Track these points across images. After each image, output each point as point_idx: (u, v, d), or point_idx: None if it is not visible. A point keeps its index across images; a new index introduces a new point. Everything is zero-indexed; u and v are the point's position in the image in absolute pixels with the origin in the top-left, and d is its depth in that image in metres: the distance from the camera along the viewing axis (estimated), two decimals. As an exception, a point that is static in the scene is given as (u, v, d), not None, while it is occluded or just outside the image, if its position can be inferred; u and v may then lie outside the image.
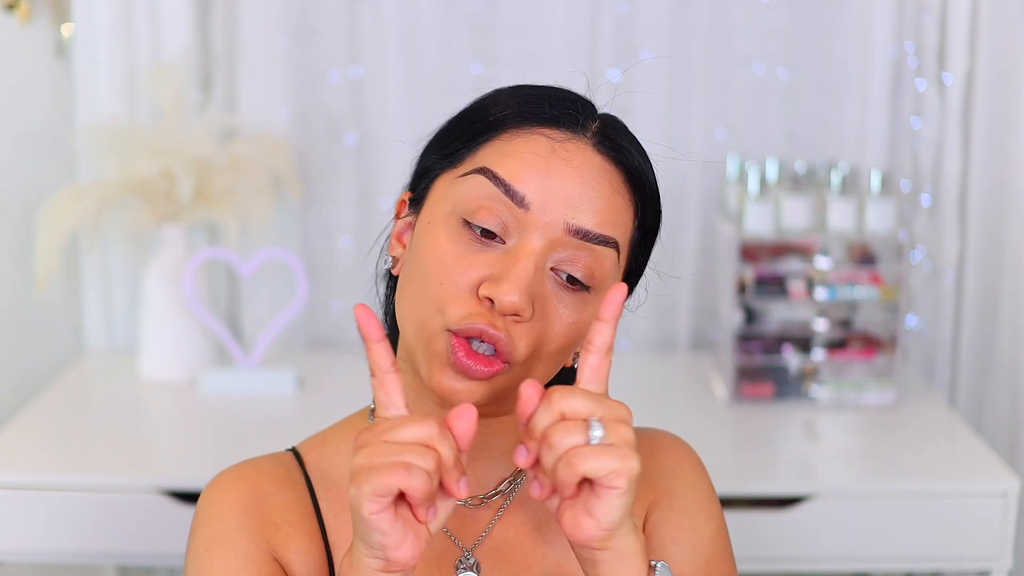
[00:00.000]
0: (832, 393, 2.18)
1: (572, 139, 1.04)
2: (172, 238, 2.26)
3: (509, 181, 1.01)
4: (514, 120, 1.04)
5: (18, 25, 2.26)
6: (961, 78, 2.32)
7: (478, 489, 1.11)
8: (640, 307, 1.17)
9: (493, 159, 1.03)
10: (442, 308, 1.00)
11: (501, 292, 0.98)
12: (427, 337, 1.02)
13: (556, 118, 1.04)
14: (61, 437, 2.05)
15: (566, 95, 1.08)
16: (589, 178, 1.03)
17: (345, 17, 2.39)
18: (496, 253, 1.01)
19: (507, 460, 1.12)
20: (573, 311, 1.03)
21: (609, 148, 1.06)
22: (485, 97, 1.09)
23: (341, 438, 1.16)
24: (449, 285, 1.00)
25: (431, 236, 1.03)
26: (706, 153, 2.43)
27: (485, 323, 0.99)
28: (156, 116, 2.34)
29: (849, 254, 2.20)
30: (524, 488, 1.13)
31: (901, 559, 1.89)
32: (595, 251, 1.03)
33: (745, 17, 2.40)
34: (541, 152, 1.02)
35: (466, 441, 0.91)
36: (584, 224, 1.02)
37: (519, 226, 1.01)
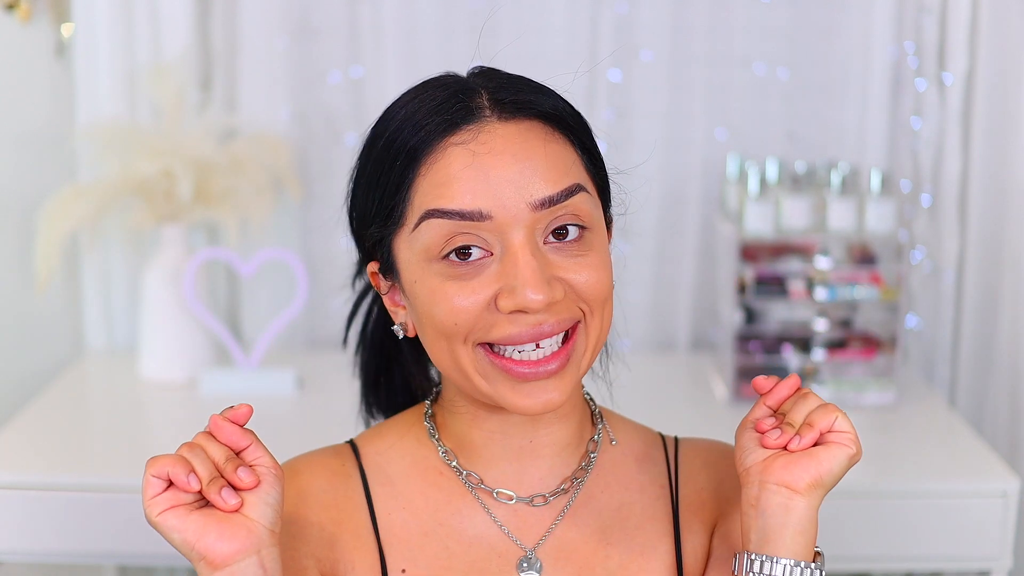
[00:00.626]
0: (832, 393, 2.18)
1: (478, 129, 1.02)
2: (172, 238, 2.26)
3: (457, 208, 1.00)
4: (419, 151, 1.03)
5: (18, 25, 2.27)
6: (961, 78, 2.32)
7: (541, 488, 1.12)
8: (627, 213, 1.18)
9: (429, 198, 1.02)
10: (465, 335, 1.02)
11: (523, 297, 0.99)
12: (471, 368, 1.04)
13: (451, 121, 1.03)
14: (61, 437, 2.05)
15: (441, 89, 1.06)
16: (517, 151, 1.02)
17: (345, 17, 2.39)
18: (490, 269, 1.01)
19: (570, 458, 1.13)
20: (589, 253, 1.04)
21: (511, 109, 1.04)
22: (375, 144, 1.07)
23: (396, 433, 1.17)
24: (464, 318, 1.01)
25: (425, 290, 1.03)
26: (706, 153, 2.43)
27: (528, 326, 1.01)
28: (156, 116, 2.34)
29: (849, 254, 2.20)
30: (588, 488, 1.13)
31: (901, 559, 1.89)
32: (568, 205, 1.03)
33: (745, 17, 2.40)
34: (462, 162, 1.01)
35: (235, 438, 1.01)
36: (542, 193, 1.01)
37: (494, 234, 1.01)
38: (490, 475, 1.12)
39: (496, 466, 1.12)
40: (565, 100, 1.09)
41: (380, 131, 1.07)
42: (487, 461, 1.12)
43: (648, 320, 2.51)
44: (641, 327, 2.51)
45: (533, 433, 1.11)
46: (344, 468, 1.14)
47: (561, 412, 1.11)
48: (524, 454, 1.11)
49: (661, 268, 2.49)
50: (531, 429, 1.11)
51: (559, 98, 1.08)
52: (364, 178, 1.08)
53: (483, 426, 1.11)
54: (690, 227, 2.45)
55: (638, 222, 2.46)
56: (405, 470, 1.14)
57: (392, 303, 1.11)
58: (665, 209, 2.46)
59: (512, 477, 1.12)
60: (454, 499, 1.12)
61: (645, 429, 1.22)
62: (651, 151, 2.39)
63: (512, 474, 1.12)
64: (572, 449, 1.13)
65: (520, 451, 1.11)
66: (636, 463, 1.16)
